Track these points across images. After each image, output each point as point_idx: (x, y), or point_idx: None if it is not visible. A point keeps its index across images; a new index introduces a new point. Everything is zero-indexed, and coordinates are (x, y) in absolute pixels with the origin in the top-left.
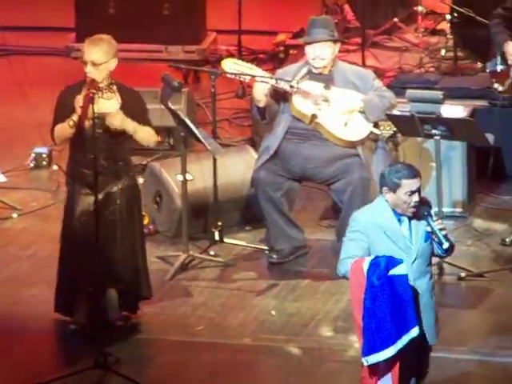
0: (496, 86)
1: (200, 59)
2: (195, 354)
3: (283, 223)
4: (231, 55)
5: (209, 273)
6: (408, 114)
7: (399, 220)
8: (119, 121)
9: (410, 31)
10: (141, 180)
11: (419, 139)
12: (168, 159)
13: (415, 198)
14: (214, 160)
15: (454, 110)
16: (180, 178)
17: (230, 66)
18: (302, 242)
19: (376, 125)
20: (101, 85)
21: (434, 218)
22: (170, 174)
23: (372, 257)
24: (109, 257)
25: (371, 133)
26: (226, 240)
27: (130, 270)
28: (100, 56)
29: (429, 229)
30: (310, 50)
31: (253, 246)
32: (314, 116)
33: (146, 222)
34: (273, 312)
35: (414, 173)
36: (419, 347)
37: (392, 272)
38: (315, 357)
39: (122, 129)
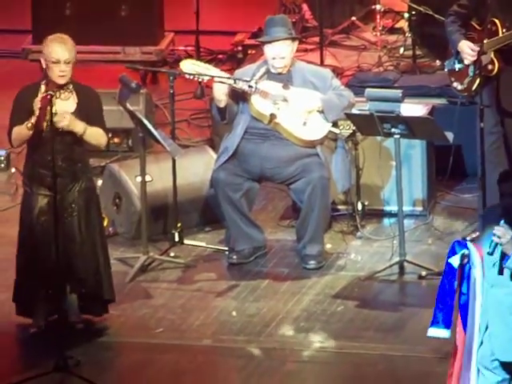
0: (455, 84)
1: (158, 60)
2: (156, 355)
3: (243, 224)
4: (189, 56)
5: (169, 274)
6: (367, 112)
7: None
8: (67, 121)
9: (369, 30)
10: (100, 182)
11: (379, 138)
12: (127, 161)
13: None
14: (173, 161)
15: (414, 109)
16: (139, 179)
17: (189, 66)
18: (262, 242)
19: (335, 124)
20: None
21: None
22: (129, 175)
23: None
24: (69, 259)
25: (330, 132)
26: (185, 241)
27: (90, 272)
28: (70, 54)
29: None
30: (268, 50)
31: (213, 246)
32: (272, 116)
33: (105, 223)
34: (233, 313)
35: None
36: None
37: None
38: (276, 357)
39: (70, 130)
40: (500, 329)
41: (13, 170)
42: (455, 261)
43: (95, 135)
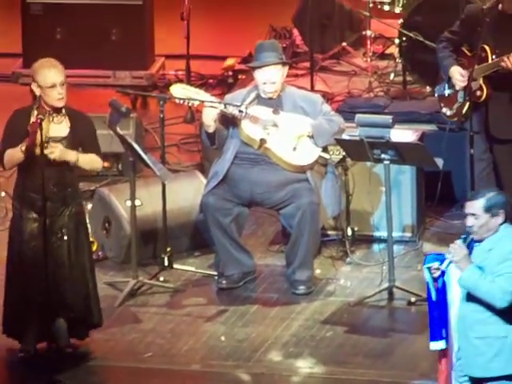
0: (444, 110)
1: (148, 84)
2: (145, 380)
3: (232, 249)
4: (180, 80)
5: (158, 299)
6: (357, 138)
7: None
8: (58, 153)
9: (359, 55)
10: (89, 206)
11: (368, 164)
12: (117, 185)
13: (467, 221)
14: (163, 185)
15: (404, 135)
16: (129, 203)
17: (179, 91)
18: (251, 267)
19: (325, 149)
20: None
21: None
22: (119, 199)
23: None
24: (58, 283)
25: (320, 157)
26: (175, 266)
27: (80, 297)
28: (63, 76)
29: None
30: (259, 75)
31: (202, 271)
32: (262, 141)
33: (94, 248)
34: (222, 338)
35: (471, 195)
36: None
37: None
38: (265, 382)
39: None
40: (463, 344)
41: (2, 193)
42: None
43: (89, 162)
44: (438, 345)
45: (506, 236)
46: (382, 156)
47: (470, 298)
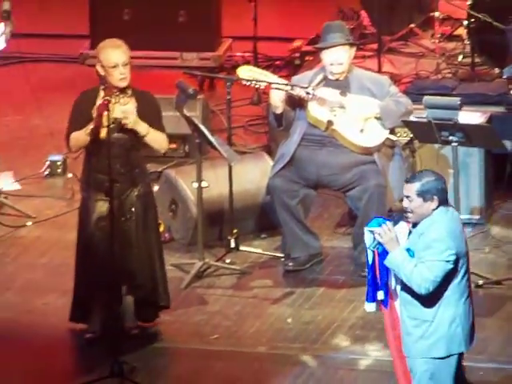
0: None
1: (215, 66)
2: (211, 362)
3: (299, 231)
4: (247, 62)
5: (224, 281)
6: (425, 120)
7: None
8: (132, 119)
9: (427, 37)
10: (156, 187)
11: (436, 146)
12: (183, 166)
13: (403, 202)
14: (230, 167)
15: (472, 117)
16: (195, 185)
17: (246, 72)
18: (317, 249)
19: (392, 131)
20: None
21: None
22: (186, 181)
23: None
24: (126, 264)
25: (387, 139)
26: (241, 248)
27: (147, 278)
28: (127, 56)
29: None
30: (326, 56)
31: (268, 253)
32: (329, 122)
33: (161, 229)
34: (289, 320)
35: (409, 178)
36: None
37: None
38: (331, 365)
39: (134, 129)
40: (402, 318)
41: (69, 175)
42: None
43: (157, 138)
44: (369, 306)
45: (436, 222)
46: (450, 138)
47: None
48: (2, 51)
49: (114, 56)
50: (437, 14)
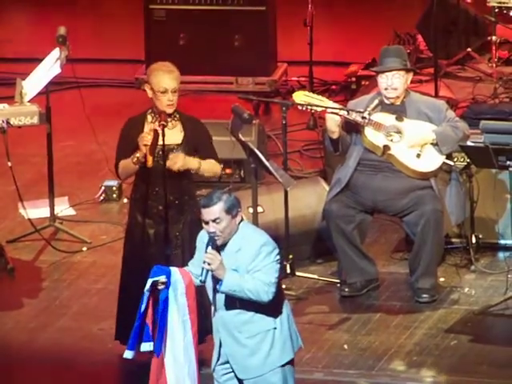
0: None
1: (270, 91)
2: None
3: (355, 256)
4: (302, 86)
5: None
6: (482, 145)
7: None
8: (181, 161)
9: (484, 61)
10: None
11: (493, 170)
12: (239, 191)
13: (209, 228)
14: (285, 192)
15: None
16: (251, 210)
17: (301, 97)
18: (374, 274)
19: (449, 156)
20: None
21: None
22: (241, 206)
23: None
24: None
25: (444, 164)
26: (297, 273)
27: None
28: (177, 83)
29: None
30: (382, 80)
31: (324, 279)
32: (386, 147)
33: None
34: (345, 346)
35: (206, 202)
36: None
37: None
38: None
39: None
40: (234, 349)
41: (125, 200)
42: (147, 284)
43: (210, 168)
44: (128, 353)
45: (248, 234)
46: (508, 163)
47: (230, 303)
48: (58, 76)
49: (165, 81)
50: (494, 37)
